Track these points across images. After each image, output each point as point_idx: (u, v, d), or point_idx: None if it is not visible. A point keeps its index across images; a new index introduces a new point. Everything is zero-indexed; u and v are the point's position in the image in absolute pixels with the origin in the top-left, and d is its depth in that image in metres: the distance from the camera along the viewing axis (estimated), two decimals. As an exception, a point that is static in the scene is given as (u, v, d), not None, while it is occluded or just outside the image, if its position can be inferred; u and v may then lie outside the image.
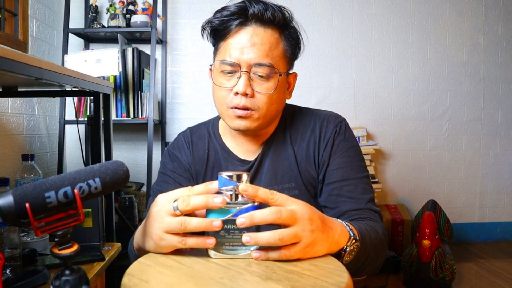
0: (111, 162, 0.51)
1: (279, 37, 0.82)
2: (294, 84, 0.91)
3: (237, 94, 0.80)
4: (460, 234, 2.79)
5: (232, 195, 0.58)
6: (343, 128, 0.89)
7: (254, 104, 0.80)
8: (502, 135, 2.87)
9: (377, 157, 2.73)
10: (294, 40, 0.86)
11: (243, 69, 0.79)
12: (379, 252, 0.76)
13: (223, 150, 0.92)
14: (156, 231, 0.59)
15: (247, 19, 0.80)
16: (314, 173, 0.87)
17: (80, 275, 0.47)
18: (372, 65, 2.72)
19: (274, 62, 0.80)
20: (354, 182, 0.84)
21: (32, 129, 2.04)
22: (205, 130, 0.96)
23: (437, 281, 1.93)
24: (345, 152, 0.86)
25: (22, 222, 0.44)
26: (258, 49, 0.79)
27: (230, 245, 0.58)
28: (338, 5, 2.67)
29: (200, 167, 0.91)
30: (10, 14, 1.88)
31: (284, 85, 0.86)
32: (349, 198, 0.82)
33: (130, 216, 2.10)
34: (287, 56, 0.84)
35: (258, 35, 0.80)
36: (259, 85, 0.80)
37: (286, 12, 0.83)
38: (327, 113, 0.91)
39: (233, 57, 0.79)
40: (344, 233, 0.64)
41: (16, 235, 1.03)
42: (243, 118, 0.81)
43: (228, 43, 0.81)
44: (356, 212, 0.81)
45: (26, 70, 0.87)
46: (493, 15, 2.81)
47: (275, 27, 0.82)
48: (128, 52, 2.21)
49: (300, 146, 0.88)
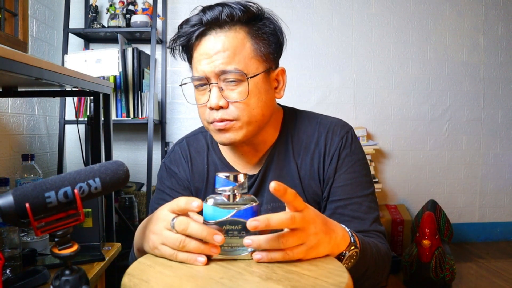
0: (111, 162, 0.51)
1: (244, 37, 0.75)
2: (284, 81, 0.83)
3: (212, 108, 0.75)
4: (460, 234, 2.79)
5: (230, 195, 0.58)
6: (349, 140, 0.83)
7: (232, 114, 0.75)
8: (502, 135, 2.87)
9: (377, 157, 2.73)
10: (267, 34, 0.78)
11: (211, 81, 0.75)
12: (380, 268, 0.75)
13: (222, 164, 0.87)
14: (153, 240, 0.59)
15: (206, 28, 0.75)
16: (318, 189, 0.83)
17: (80, 275, 0.47)
18: (372, 65, 2.71)
19: (242, 65, 0.74)
20: (359, 200, 0.80)
21: (32, 129, 2.04)
22: (203, 141, 0.91)
23: (437, 281, 1.93)
24: (350, 167, 0.82)
25: (22, 222, 0.44)
26: (222, 57, 0.73)
27: (229, 246, 0.58)
28: (338, 5, 2.67)
29: (200, 184, 0.88)
30: (10, 14, 1.88)
31: (264, 86, 0.78)
32: (354, 218, 0.79)
33: (130, 216, 2.10)
34: (260, 55, 0.77)
35: (219, 41, 0.74)
36: (230, 92, 0.75)
37: (251, 7, 0.76)
38: (332, 121, 0.86)
39: (199, 70, 0.75)
40: (346, 238, 0.64)
41: (16, 235, 1.03)
42: (225, 130, 0.76)
43: (194, 57, 0.78)
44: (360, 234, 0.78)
45: (26, 70, 0.86)
46: (493, 15, 2.81)
47: (238, 27, 0.75)
48: (128, 52, 2.21)
49: (304, 160, 0.84)
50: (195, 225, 0.56)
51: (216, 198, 0.58)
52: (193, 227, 0.56)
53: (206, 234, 0.55)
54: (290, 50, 2.60)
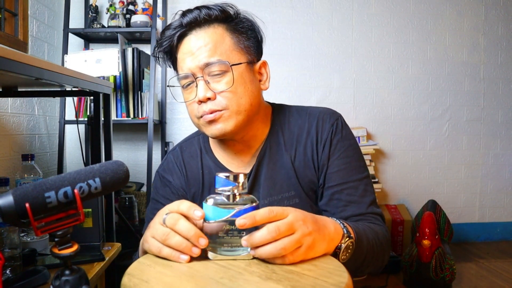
0: (111, 162, 0.51)
1: (223, 32, 0.80)
2: (267, 74, 0.86)
3: (200, 102, 0.78)
4: (460, 234, 2.79)
5: (230, 195, 0.58)
6: (340, 126, 0.86)
7: (220, 104, 0.77)
8: (502, 135, 2.87)
9: (377, 157, 2.73)
10: (245, 29, 0.83)
11: (196, 75, 0.78)
12: (379, 253, 0.75)
13: (217, 167, 0.88)
14: (146, 233, 0.63)
15: (186, 30, 0.80)
16: (314, 177, 0.84)
17: (80, 275, 0.47)
18: (372, 65, 2.71)
19: (224, 56, 0.78)
20: (354, 184, 0.82)
21: (32, 129, 2.04)
22: (196, 146, 0.92)
23: (437, 281, 1.93)
24: (343, 152, 0.84)
25: (22, 222, 0.44)
26: (204, 50, 0.78)
27: (229, 246, 0.58)
28: (338, 5, 2.67)
29: (196, 189, 0.88)
30: (10, 14, 1.88)
31: (249, 76, 0.81)
32: (350, 203, 0.81)
33: (130, 216, 2.10)
34: (241, 47, 0.81)
35: (200, 38, 0.79)
36: (217, 84, 0.78)
37: (227, 6, 0.81)
38: (321, 110, 0.88)
39: (185, 68, 0.79)
40: (338, 230, 0.65)
41: (16, 235, 1.03)
42: (215, 121, 0.78)
43: (178, 58, 0.82)
44: (358, 217, 0.80)
45: (26, 70, 0.86)
46: (493, 15, 2.81)
47: (216, 24, 0.80)
48: (128, 52, 2.21)
49: (297, 151, 0.85)
50: (184, 223, 0.57)
51: (216, 198, 0.59)
52: (182, 224, 0.57)
53: (192, 235, 0.56)
54: (290, 50, 2.60)
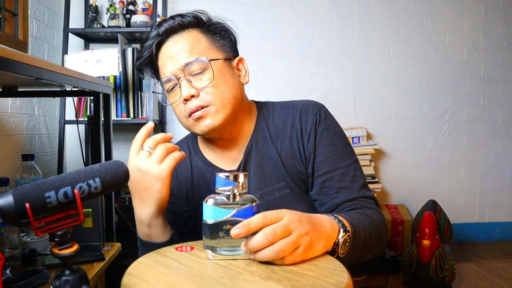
0: (111, 162, 0.51)
1: (198, 34, 0.85)
2: (245, 69, 0.91)
3: (186, 101, 0.81)
4: (460, 234, 2.79)
5: (230, 195, 0.58)
6: (323, 116, 0.88)
7: (205, 100, 0.81)
8: (502, 135, 2.87)
9: (377, 157, 2.73)
10: (218, 29, 0.88)
11: (178, 77, 0.82)
12: (377, 238, 0.76)
13: (206, 165, 0.91)
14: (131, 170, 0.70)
15: (163, 38, 0.85)
16: (302, 167, 0.86)
17: (80, 275, 0.47)
18: (372, 65, 2.71)
19: (202, 55, 0.82)
20: (344, 170, 0.83)
21: (32, 129, 2.04)
22: (185, 148, 0.96)
23: (437, 281, 1.93)
24: (329, 140, 0.85)
25: (22, 222, 0.44)
26: (182, 52, 0.82)
27: (229, 246, 0.58)
28: (338, 5, 2.67)
29: (188, 188, 0.92)
30: (10, 14, 1.88)
31: (229, 71, 0.86)
32: (341, 189, 0.82)
33: (130, 216, 2.09)
34: (217, 45, 0.86)
35: (177, 43, 0.84)
36: (199, 81, 0.82)
37: (199, 14, 0.87)
38: (304, 102, 0.91)
39: (166, 72, 0.83)
40: (334, 226, 0.65)
41: (16, 235, 1.03)
42: (203, 118, 0.82)
43: (159, 65, 0.86)
44: (350, 203, 0.81)
45: (26, 70, 0.86)
46: (493, 15, 2.81)
47: (191, 28, 0.85)
48: (128, 52, 2.21)
49: (283, 143, 0.87)
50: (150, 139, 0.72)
51: (216, 198, 0.59)
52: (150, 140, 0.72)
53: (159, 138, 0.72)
54: (290, 50, 2.60)
